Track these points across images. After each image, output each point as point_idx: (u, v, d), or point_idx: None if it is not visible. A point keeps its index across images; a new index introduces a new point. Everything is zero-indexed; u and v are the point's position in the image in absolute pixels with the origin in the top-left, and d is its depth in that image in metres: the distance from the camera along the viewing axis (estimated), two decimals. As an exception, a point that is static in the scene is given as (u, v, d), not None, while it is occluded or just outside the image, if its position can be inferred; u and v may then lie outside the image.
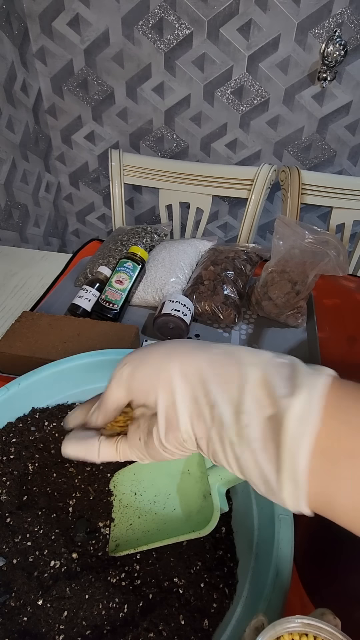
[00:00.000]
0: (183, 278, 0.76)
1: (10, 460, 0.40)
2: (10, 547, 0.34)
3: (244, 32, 1.12)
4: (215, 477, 0.34)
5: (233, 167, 1.04)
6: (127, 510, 0.38)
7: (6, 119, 1.16)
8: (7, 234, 1.25)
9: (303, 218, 1.47)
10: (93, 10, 1.15)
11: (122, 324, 0.61)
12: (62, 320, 0.61)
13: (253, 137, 1.32)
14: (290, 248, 0.67)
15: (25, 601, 0.31)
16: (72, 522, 0.37)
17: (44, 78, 1.30)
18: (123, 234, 0.85)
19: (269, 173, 0.98)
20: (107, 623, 0.31)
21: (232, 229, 1.57)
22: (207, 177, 1.04)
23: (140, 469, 0.40)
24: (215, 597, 0.32)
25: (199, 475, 0.36)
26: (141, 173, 1.07)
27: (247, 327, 0.72)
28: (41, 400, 0.44)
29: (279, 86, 1.20)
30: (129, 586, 0.34)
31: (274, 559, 0.29)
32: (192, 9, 1.10)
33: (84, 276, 0.78)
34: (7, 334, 0.59)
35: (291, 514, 0.31)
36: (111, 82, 1.28)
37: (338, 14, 1.06)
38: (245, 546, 0.34)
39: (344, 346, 0.69)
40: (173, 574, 0.34)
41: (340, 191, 0.99)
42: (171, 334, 0.67)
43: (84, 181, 1.54)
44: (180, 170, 1.06)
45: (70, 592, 0.32)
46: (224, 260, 0.76)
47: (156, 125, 1.34)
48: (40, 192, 1.42)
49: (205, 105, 1.28)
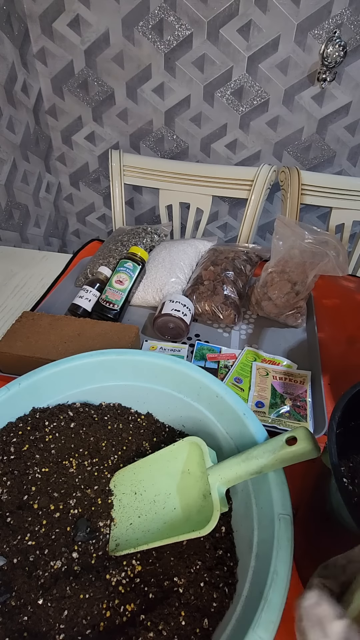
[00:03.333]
0: (183, 278, 0.76)
1: (10, 460, 0.40)
2: (11, 547, 0.34)
3: (244, 33, 1.12)
4: (215, 476, 0.34)
5: (233, 167, 1.04)
6: (127, 509, 0.39)
7: (7, 120, 1.16)
8: (8, 234, 1.25)
9: (303, 218, 1.47)
10: (93, 11, 1.15)
11: (122, 324, 0.62)
12: (62, 320, 0.62)
13: (253, 137, 1.32)
14: (289, 248, 0.67)
15: (25, 600, 0.31)
16: (72, 521, 0.37)
17: (45, 79, 1.30)
18: (123, 234, 0.85)
19: (269, 173, 0.98)
20: (107, 622, 0.31)
21: (232, 229, 1.57)
22: (207, 177, 1.04)
23: (141, 469, 0.40)
24: (215, 597, 0.32)
25: (199, 475, 0.36)
26: (141, 173, 1.08)
27: (247, 327, 0.72)
28: (41, 400, 0.44)
29: (279, 87, 1.20)
30: (129, 586, 0.34)
31: (274, 559, 0.29)
32: (192, 9, 1.10)
33: (85, 276, 0.78)
34: (8, 334, 0.59)
35: (291, 514, 0.31)
36: (111, 83, 1.28)
37: (337, 14, 1.06)
38: (245, 546, 0.34)
39: (343, 346, 0.69)
40: (173, 573, 0.34)
41: (339, 191, 0.99)
42: (171, 334, 0.67)
43: (84, 182, 1.54)
44: (180, 170, 1.06)
45: (71, 592, 0.32)
46: (224, 260, 0.76)
47: (156, 126, 1.35)
48: (40, 193, 1.42)
49: (205, 106, 1.28)
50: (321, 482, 0.33)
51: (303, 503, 0.38)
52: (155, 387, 0.45)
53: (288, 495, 0.32)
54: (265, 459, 0.32)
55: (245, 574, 0.32)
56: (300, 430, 0.32)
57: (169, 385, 0.44)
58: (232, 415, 0.39)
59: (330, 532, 0.32)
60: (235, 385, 0.59)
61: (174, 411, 0.45)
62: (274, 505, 0.32)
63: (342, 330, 0.72)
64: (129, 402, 0.47)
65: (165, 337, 0.68)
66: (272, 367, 0.62)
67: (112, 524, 0.38)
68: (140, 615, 0.31)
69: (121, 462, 0.42)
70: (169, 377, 0.44)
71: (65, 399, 0.45)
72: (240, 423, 0.38)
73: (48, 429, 0.42)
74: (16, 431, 0.41)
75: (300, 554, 0.36)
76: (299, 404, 0.56)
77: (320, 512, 0.33)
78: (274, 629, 0.26)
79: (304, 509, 0.37)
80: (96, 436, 0.42)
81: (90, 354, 0.44)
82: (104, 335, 0.59)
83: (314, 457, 0.31)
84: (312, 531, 0.36)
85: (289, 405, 0.56)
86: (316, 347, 0.65)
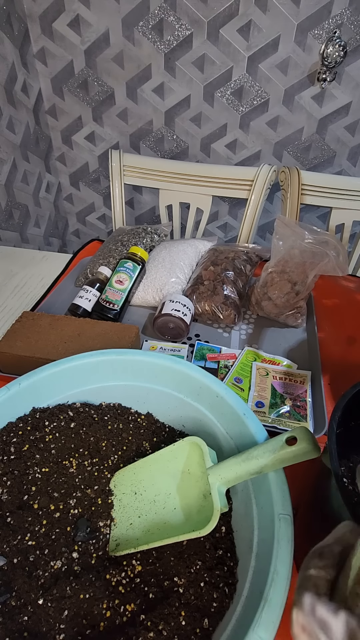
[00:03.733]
0: (183, 278, 0.76)
1: (10, 460, 0.40)
2: (11, 547, 0.34)
3: (244, 33, 1.12)
4: (215, 476, 0.34)
5: (233, 167, 1.04)
6: (128, 509, 0.39)
7: (7, 120, 1.16)
8: (8, 234, 1.25)
9: (303, 218, 1.47)
10: (93, 11, 1.15)
11: (122, 324, 0.62)
12: (62, 320, 0.62)
13: (253, 137, 1.32)
14: (290, 248, 0.67)
15: (25, 600, 0.32)
16: (72, 521, 0.37)
17: (45, 79, 1.30)
18: (123, 234, 0.85)
19: (269, 173, 0.98)
20: (107, 622, 0.31)
21: (232, 229, 1.57)
22: (207, 177, 1.04)
23: (141, 469, 0.40)
24: (216, 597, 0.32)
25: (199, 475, 0.36)
26: (141, 173, 1.08)
27: (247, 327, 0.72)
28: (42, 400, 0.44)
29: (279, 87, 1.20)
30: (129, 585, 0.34)
31: (274, 559, 0.29)
32: (192, 9, 1.10)
33: (85, 276, 0.78)
34: (8, 334, 0.59)
35: (291, 514, 0.31)
36: (111, 83, 1.28)
37: (337, 14, 1.06)
38: (245, 546, 0.34)
39: (343, 346, 0.69)
40: (173, 573, 0.34)
41: (339, 191, 0.99)
42: (171, 334, 0.67)
43: (84, 181, 1.54)
44: (180, 170, 1.06)
45: (71, 592, 0.32)
46: (224, 260, 0.76)
47: (156, 126, 1.35)
48: (40, 193, 1.42)
49: (205, 106, 1.28)
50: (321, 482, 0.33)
51: (303, 503, 0.38)
52: (156, 387, 0.45)
53: (288, 495, 0.32)
54: (266, 459, 0.32)
55: (246, 574, 0.32)
56: (300, 430, 0.32)
57: (169, 385, 0.44)
58: (232, 415, 0.39)
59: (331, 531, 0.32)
60: (235, 385, 0.59)
61: (174, 411, 0.45)
62: (274, 505, 0.32)
63: (342, 330, 0.72)
64: (129, 402, 0.47)
65: (165, 337, 0.68)
66: (272, 367, 0.62)
67: (112, 524, 0.38)
68: (140, 615, 0.31)
69: (121, 462, 0.42)
70: (169, 377, 0.44)
71: (65, 399, 0.45)
72: (240, 423, 0.38)
73: (48, 429, 0.42)
74: (16, 431, 0.41)
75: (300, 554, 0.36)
76: (299, 404, 0.56)
77: (320, 512, 0.33)
78: (274, 629, 0.26)
79: (304, 509, 0.37)
80: (96, 436, 0.42)
81: (90, 354, 0.45)
82: (104, 335, 0.59)
83: (314, 457, 0.31)
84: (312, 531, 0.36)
85: (289, 405, 0.56)
86: (316, 347, 0.65)
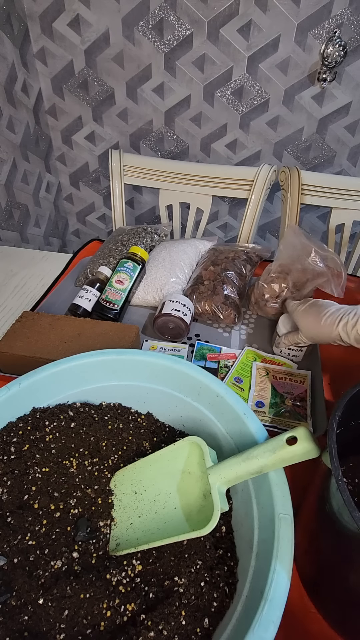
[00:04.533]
0: (183, 278, 0.76)
1: (10, 460, 0.40)
2: (11, 547, 0.34)
3: (244, 33, 1.12)
4: (216, 476, 0.34)
5: (233, 167, 1.04)
6: (128, 509, 0.39)
7: (7, 120, 1.16)
8: (8, 234, 1.25)
9: (303, 218, 1.47)
10: (93, 11, 1.15)
11: (122, 324, 0.62)
12: (62, 320, 0.62)
13: (253, 137, 1.32)
14: (293, 262, 0.66)
15: (26, 600, 0.32)
16: (72, 521, 0.37)
17: (45, 78, 1.31)
18: (123, 234, 0.85)
19: (269, 173, 0.98)
20: (107, 622, 0.31)
21: (232, 229, 1.57)
22: (207, 177, 1.04)
23: (141, 469, 0.40)
24: (216, 596, 0.32)
25: (200, 475, 0.36)
26: (141, 173, 1.08)
27: (247, 327, 0.72)
28: (42, 400, 0.44)
29: (279, 87, 1.21)
30: (130, 585, 0.34)
31: (274, 559, 0.29)
32: (192, 9, 1.10)
33: (85, 276, 0.78)
34: (8, 334, 0.59)
35: (291, 513, 0.31)
36: (111, 83, 1.28)
37: (338, 14, 1.06)
38: (245, 545, 0.34)
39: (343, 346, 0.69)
40: (173, 573, 0.34)
41: (339, 191, 0.99)
42: (171, 334, 0.67)
43: (84, 181, 1.54)
44: (180, 170, 1.06)
45: (71, 591, 0.32)
46: (224, 260, 0.76)
47: (156, 126, 1.35)
48: (40, 193, 1.42)
49: (205, 106, 1.28)
50: (321, 482, 0.33)
51: (303, 503, 0.38)
52: (156, 387, 0.45)
53: (288, 495, 0.32)
54: (266, 459, 0.32)
55: (246, 574, 0.32)
56: (300, 430, 0.32)
57: (169, 385, 0.44)
58: (232, 415, 0.39)
59: (330, 532, 0.32)
60: (235, 385, 0.59)
61: (174, 411, 0.45)
62: (275, 504, 0.32)
63: (342, 330, 0.72)
64: (129, 402, 0.47)
65: (165, 337, 0.68)
66: (272, 367, 0.62)
67: (113, 523, 0.38)
68: (140, 614, 0.31)
69: (121, 462, 0.42)
70: (169, 377, 0.44)
71: (66, 399, 0.45)
72: (240, 423, 0.38)
73: (48, 429, 0.42)
74: (16, 431, 0.41)
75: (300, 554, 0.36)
76: (299, 404, 0.56)
77: (320, 512, 0.33)
78: (274, 629, 0.26)
79: (304, 509, 0.37)
80: (96, 436, 0.42)
81: (90, 354, 0.44)
82: (104, 335, 0.59)
83: (314, 457, 0.31)
84: (312, 531, 0.36)
85: (289, 405, 0.56)
86: (316, 347, 0.65)
